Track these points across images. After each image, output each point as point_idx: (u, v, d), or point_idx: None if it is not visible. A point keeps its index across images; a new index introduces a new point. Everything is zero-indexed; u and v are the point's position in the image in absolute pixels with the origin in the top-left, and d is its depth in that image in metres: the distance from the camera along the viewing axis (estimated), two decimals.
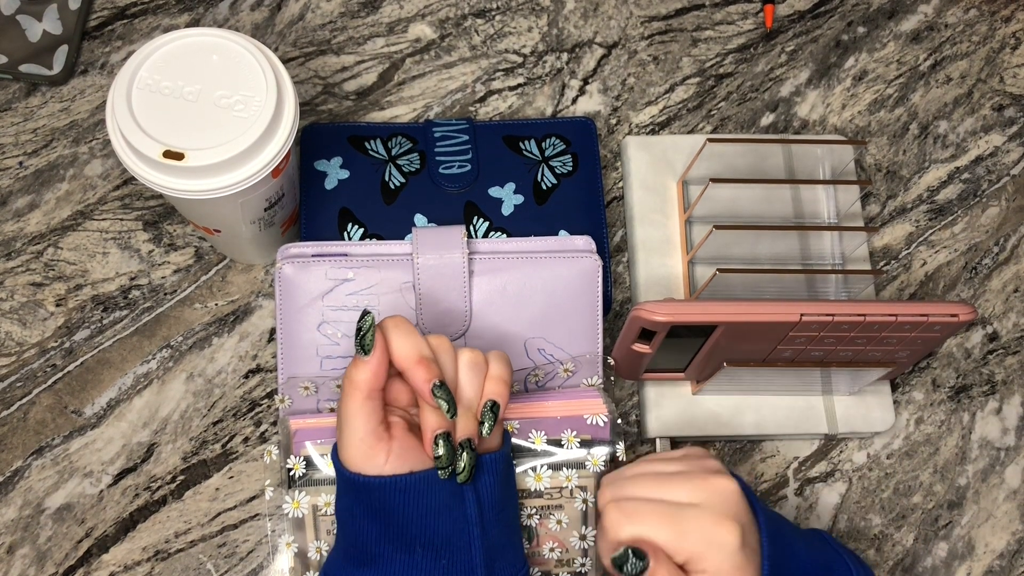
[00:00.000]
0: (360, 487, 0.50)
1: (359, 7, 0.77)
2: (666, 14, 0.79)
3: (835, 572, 0.53)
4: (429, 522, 0.50)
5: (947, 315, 0.58)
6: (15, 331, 0.68)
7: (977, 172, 0.77)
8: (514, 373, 0.64)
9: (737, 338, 0.59)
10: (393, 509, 0.50)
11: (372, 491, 0.50)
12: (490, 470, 0.52)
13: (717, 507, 0.48)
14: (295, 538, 0.57)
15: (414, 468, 0.50)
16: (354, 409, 0.50)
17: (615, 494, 0.51)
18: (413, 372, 0.50)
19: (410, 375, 0.50)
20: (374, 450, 0.50)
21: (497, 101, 0.76)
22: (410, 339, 0.50)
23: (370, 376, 0.49)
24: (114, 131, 0.55)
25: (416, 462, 0.50)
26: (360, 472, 0.50)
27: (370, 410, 0.50)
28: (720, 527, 0.48)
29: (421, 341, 0.51)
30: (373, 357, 0.49)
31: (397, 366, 0.51)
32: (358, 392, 0.50)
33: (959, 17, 0.81)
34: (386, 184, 0.69)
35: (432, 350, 0.51)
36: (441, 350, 0.52)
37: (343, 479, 0.51)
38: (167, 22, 0.75)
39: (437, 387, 0.49)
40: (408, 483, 0.50)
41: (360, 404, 0.50)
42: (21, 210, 0.70)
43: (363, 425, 0.50)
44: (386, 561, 0.50)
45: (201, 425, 0.67)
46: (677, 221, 0.71)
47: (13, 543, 0.64)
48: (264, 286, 0.70)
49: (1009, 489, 0.70)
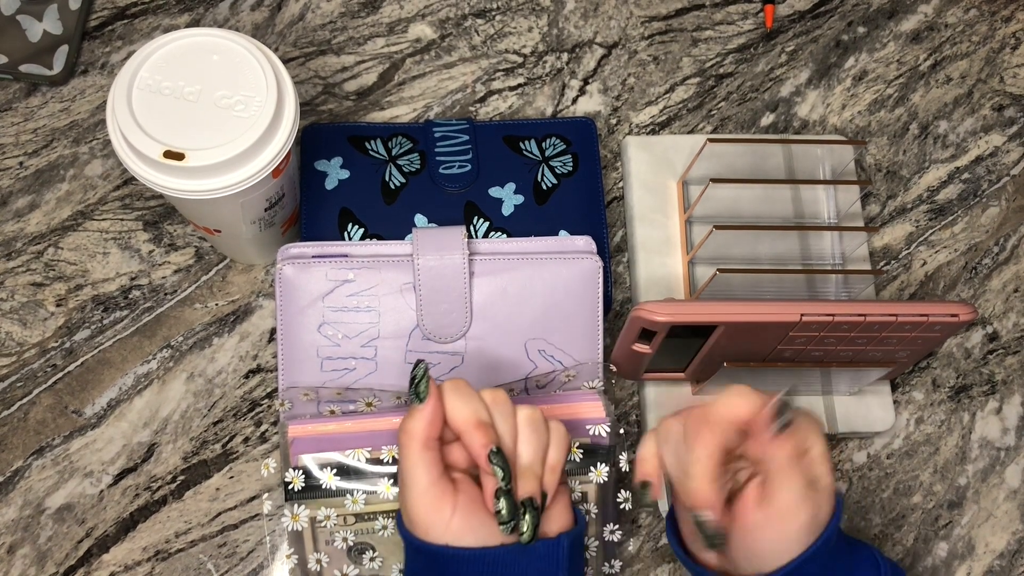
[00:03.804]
0: (431, 556, 0.49)
1: (359, 7, 0.77)
2: (666, 14, 0.79)
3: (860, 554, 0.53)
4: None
5: (947, 315, 0.58)
6: (15, 331, 0.68)
7: (977, 172, 0.77)
8: (514, 375, 0.64)
9: (737, 338, 0.59)
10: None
11: (443, 562, 0.49)
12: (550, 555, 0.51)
13: None
14: (294, 550, 0.57)
15: (484, 521, 0.49)
16: (413, 460, 0.49)
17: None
18: (470, 436, 0.49)
19: (467, 439, 0.49)
20: (440, 501, 0.49)
21: (497, 101, 0.76)
22: (468, 402, 0.49)
23: (425, 425, 0.49)
24: (114, 131, 0.55)
25: (485, 517, 0.49)
26: (427, 531, 0.49)
27: (430, 460, 0.49)
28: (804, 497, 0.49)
29: (479, 404, 0.50)
30: (427, 405, 0.49)
31: (454, 429, 0.50)
32: (415, 442, 0.49)
33: (959, 17, 0.81)
34: (386, 184, 0.69)
35: (488, 408, 0.50)
36: (498, 407, 0.51)
37: (409, 545, 0.50)
38: (167, 22, 0.75)
39: (493, 453, 0.48)
40: (476, 556, 0.49)
41: (419, 454, 0.49)
42: (21, 210, 0.70)
43: (424, 475, 0.49)
44: None
45: (201, 425, 0.67)
46: (677, 221, 0.71)
47: (13, 543, 0.64)
48: (264, 286, 0.70)
49: (1009, 489, 0.70)
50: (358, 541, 0.58)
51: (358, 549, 0.58)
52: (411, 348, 0.63)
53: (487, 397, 0.50)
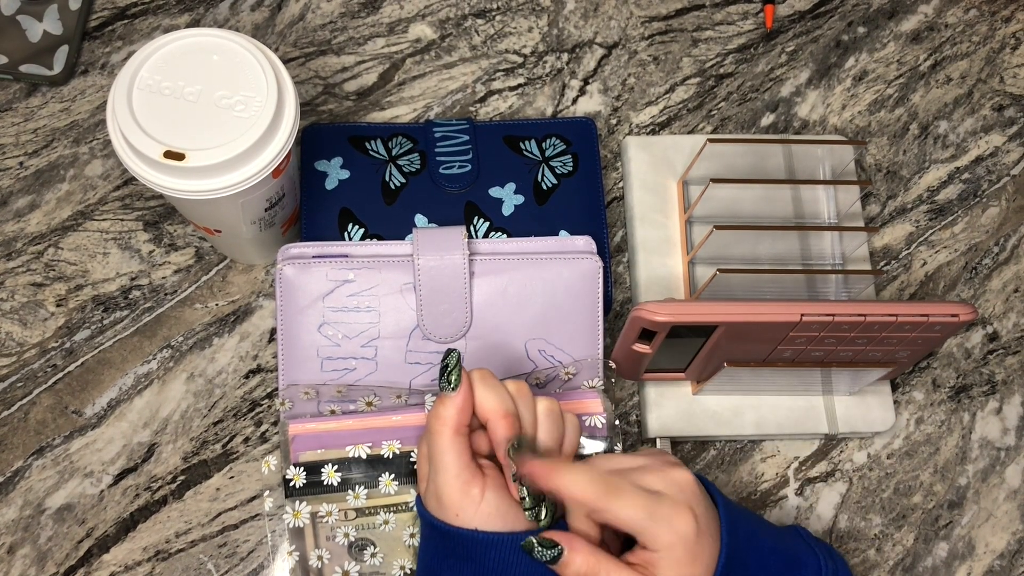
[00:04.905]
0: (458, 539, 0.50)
1: (359, 7, 0.77)
2: (666, 14, 0.79)
3: (804, 564, 0.54)
4: None
5: (947, 315, 0.58)
6: (16, 331, 0.68)
7: (977, 172, 0.77)
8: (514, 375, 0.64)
9: (737, 338, 0.59)
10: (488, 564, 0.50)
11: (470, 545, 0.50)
12: None
13: (676, 496, 0.49)
14: (296, 547, 0.57)
15: (511, 506, 0.50)
16: (445, 445, 0.50)
17: (591, 474, 0.51)
18: (496, 425, 0.51)
19: (492, 428, 0.51)
20: (470, 485, 0.50)
21: (497, 101, 0.76)
22: (496, 392, 0.51)
23: (457, 411, 0.50)
24: (115, 131, 0.55)
25: (512, 502, 0.51)
26: (458, 514, 0.50)
27: (461, 446, 0.50)
28: (678, 515, 0.49)
29: (507, 395, 0.51)
30: (460, 393, 0.50)
31: (481, 418, 0.51)
32: (447, 428, 0.50)
33: (959, 17, 0.81)
34: (386, 184, 0.69)
35: (513, 398, 0.52)
36: (521, 398, 0.52)
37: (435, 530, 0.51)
38: (167, 22, 0.75)
39: (513, 448, 0.50)
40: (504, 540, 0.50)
41: (450, 440, 0.50)
42: (22, 210, 0.70)
43: (455, 461, 0.50)
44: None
45: (202, 425, 0.67)
46: (677, 221, 0.71)
47: (14, 543, 0.64)
48: (264, 286, 0.70)
49: (1009, 489, 0.70)
50: (359, 537, 0.58)
51: (359, 545, 0.58)
52: (411, 348, 0.63)
53: (511, 388, 0.52)
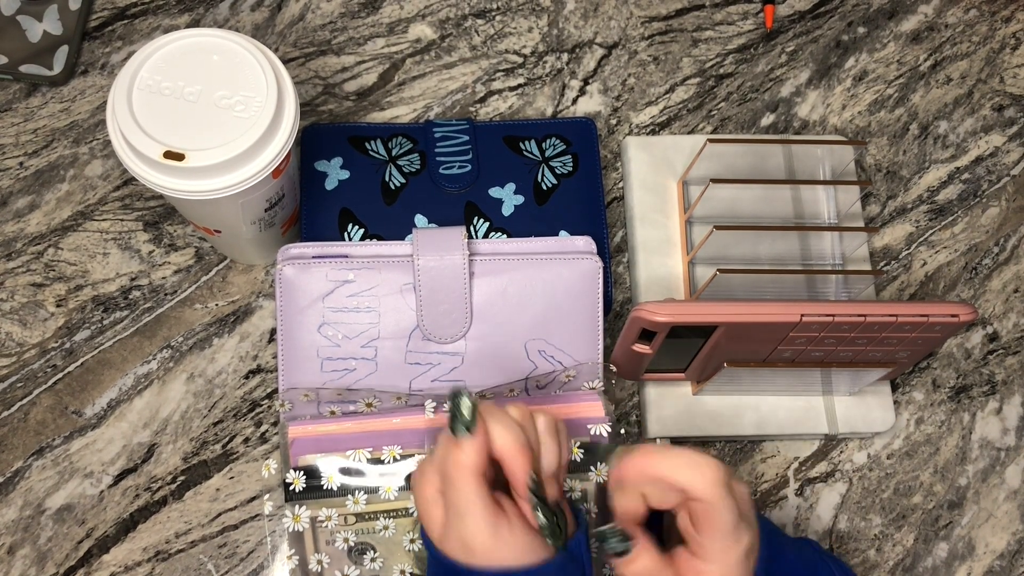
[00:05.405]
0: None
1: (359, 7, 0.77)
2: (666, 14, 0.79)
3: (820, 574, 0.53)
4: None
5: (947, 315, 0.58)
6: (15, 331, 0.68)
7: (977, 172, 0.77)
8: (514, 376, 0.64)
9: (737, 338, 0.59)
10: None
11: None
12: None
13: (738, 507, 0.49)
14: (295, 551, 0.57)
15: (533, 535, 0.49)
16: (471, 495, 0.47)
17: (690, 453, 0.49)
18: (514, 462, 0.48)
19: (511, 463, 0.49)
20: (498, 527, 0.48)
21: (497, 101, 0.76)
22: (508, 427, 0.49)
23: (478, 456, 0.48)
24: (114, 131, 0.55)
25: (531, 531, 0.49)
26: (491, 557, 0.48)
27: (484, 490, 0.48)
28: (739, 526, 0.48)
29: (517, 427, 0.49)
30: (478, 437, 0.48)
31: (498, 456, 0.49)
32: (471, 475, 0.47)
33: (959, 17, 0.81)
34: (386, 184, 0.69)
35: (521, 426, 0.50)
36: (526, 423, 0.50)
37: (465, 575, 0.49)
38: (167, 22, 0.75)
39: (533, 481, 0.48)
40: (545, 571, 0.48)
41: (477, 487, 0.47)
42: (21, 210, 0.70)
43: (483, 508, 0.47)
44: None
45: (202, 426, 0.67)
46: (677, 221, 0.71)
47: (13, 543, 0.64)
48: (264, 286, 0.70)
49: (1009, 489, 0.70)
50: (359, 541, 0.58)
51: (359, 550, 0.58)
52: (411, 348, 0.63)
53: (515, 415, 0.50)
